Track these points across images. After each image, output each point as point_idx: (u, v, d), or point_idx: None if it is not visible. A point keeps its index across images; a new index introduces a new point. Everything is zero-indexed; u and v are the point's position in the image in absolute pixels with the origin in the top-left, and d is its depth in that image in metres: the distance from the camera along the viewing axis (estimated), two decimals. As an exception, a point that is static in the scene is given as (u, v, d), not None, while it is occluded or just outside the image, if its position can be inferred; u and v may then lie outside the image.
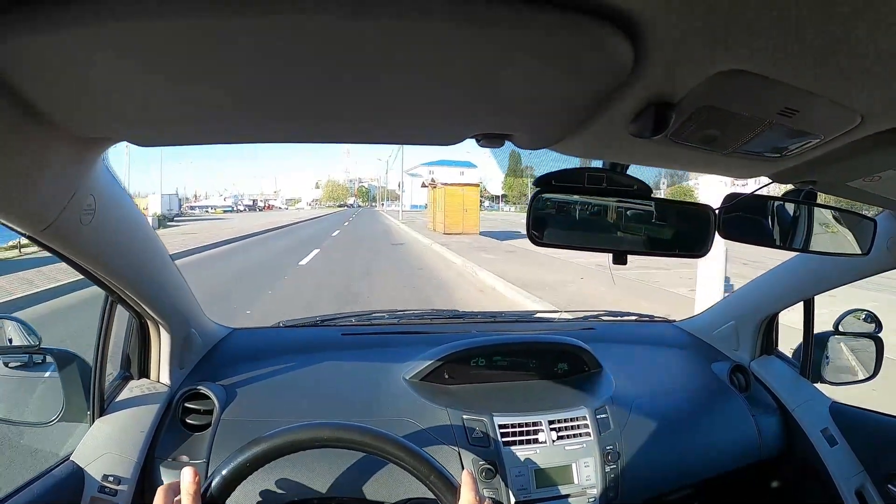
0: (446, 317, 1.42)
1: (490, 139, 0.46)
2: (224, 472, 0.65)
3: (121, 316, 0.95)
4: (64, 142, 0.46)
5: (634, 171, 0.59)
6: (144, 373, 0.96)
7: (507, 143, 0.52)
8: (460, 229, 16.96)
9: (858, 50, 0.30)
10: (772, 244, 0.71)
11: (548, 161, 0.61)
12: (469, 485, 0.64)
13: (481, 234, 17.06)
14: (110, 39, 0.29)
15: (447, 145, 0.48)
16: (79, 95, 0.38)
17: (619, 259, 0.60)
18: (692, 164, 0.55)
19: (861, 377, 1.22)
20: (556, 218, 0.58)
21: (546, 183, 0.56)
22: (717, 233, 0.63)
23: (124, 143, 0.56)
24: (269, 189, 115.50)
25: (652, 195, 0.59)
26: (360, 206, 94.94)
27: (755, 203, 0.68)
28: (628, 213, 0.60)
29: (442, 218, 17.66)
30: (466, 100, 0.40)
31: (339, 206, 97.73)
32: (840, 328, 1.20)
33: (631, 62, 0.32)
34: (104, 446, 0.83)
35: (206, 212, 55.29)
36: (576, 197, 0.58)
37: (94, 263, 0.68)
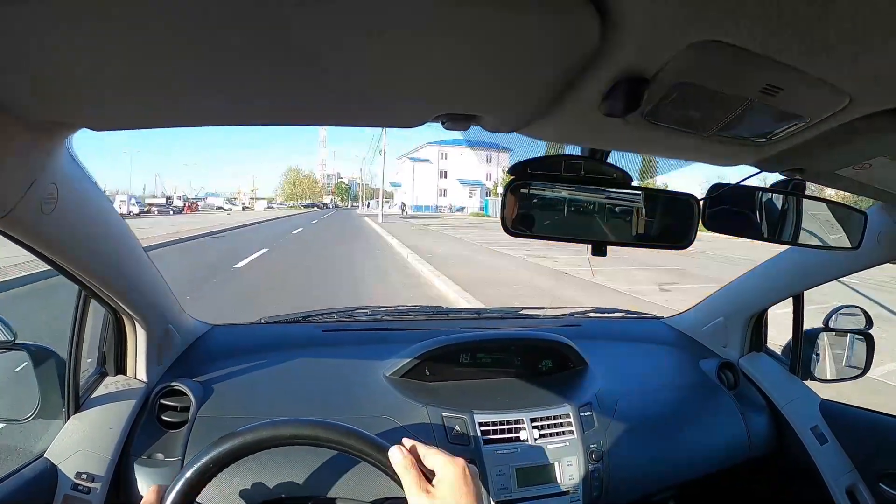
0: (429, 313, 1.40)
1: (455, 121, 0.44)
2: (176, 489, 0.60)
3: (98, 311, 0.92)
4: (18, 128, 0.44)
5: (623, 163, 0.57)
6: (121, 369, 0.94)
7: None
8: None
9: (844, 23, 0.28)
10: (758, 237, 0.69)
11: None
12: (400, 452, 0.57)
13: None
14: (51, 13, 0.27)
15: (409, 128, 0.46)
16: (24, 77, 0.36)
17: (598, 250, 0.58)
18: (673, 150, 0.53)
19: (851, 375, 1.21)
20: (532, 208, 0.56)
21: (521, 171, 0.54)
22: (701, 224, 0.61)
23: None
24: (247, 186, 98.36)
25: (633, 184, 0.57)
26: (337, 207, 74.40)
27: (741, 193, 0.66)
28: (608, 202, 0.58)
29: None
30: (429, 77, 0.38)
31: (307, 206, 70.19)
32: (830, 324, 1.19)
33: (598, 33, 0.30)
34: (78, 443, 0.81)
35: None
36: (553, 186, 0.56)
37: (61, 255, 0.66)
